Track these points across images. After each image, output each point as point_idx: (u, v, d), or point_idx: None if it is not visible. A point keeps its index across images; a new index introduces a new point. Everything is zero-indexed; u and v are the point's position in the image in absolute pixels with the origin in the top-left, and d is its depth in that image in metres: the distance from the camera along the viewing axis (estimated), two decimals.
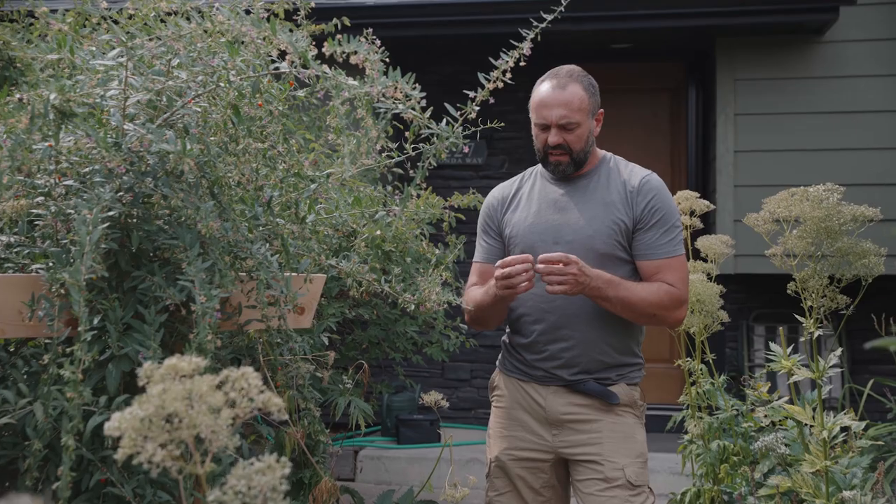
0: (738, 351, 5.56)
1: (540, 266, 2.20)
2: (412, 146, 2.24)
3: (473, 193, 3.58)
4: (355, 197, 2.58)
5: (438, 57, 5.93)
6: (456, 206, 3.63)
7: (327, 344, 2.84)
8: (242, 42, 2.06)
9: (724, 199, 5.27)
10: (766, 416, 3.11)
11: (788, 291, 2.41)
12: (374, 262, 3.10)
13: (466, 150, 1.97)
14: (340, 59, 1.98)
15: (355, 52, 1.87)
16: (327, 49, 1.81)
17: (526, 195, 2.52)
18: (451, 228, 3.60)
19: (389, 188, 4.29)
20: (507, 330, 2.58)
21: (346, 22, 3.66)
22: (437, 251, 3.31)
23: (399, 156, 2.14)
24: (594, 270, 2.27)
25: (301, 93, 2.27)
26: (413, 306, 2.45)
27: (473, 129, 2.68)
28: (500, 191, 2.59)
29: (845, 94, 5.12)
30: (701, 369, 3.21)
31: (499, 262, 2.24)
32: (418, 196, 2.99)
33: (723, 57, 5.27)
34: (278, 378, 2.61)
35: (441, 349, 3.71)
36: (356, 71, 1.99)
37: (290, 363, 2.63)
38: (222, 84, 2.06)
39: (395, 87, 1.89)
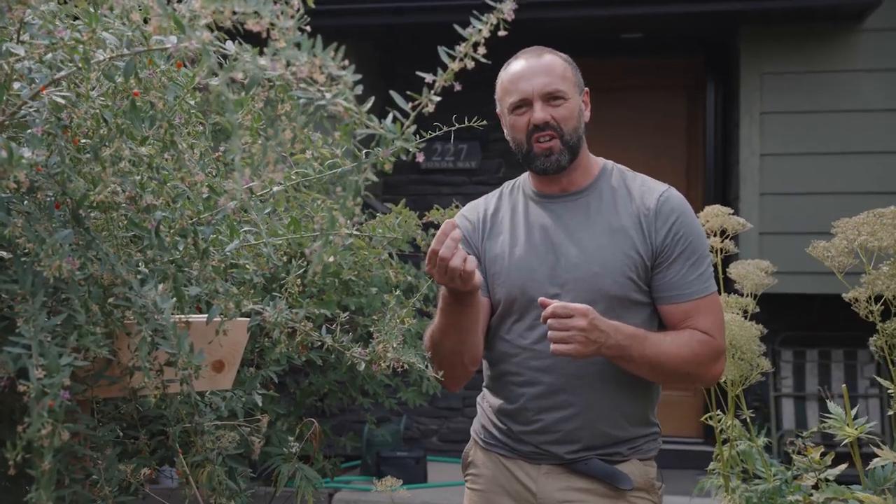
0: (763, 379, 4.94)
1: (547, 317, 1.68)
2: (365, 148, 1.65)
3: (456, 206, 2.97)
4: (292, 218, 1.99)
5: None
6: (436, 223, 3.02)
7: (265, 400, 2.23)
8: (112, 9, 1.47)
9: (748, 209, 4.66)
10: (816, 485, 2.49)
11: (872, 348, 1.80)
12: (331, 294, 2.50)
13: (421, 157, 1.36)
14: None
15: (255, 14, 1.27)
16: None
17: (508, 220, 1.94)
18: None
19: (360, 200, 3.69)
20: (485, 388, 1.99)
21: (311, 3, 3.05)
22: (409, 277, 2.71)
23: (328, 163, 1.54)
24: (610, 323, 1.70)
25: (215, 81, 1.66)
26: (364, 364, 1.85)
27: (447, 127, 2.08)
28: (473, 210, 2.01)
29: (889, 90, 4.50)
30: (734, 425, 2.60)
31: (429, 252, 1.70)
32: (375, 214, 2.38)
33: (747, 48, 4.66)
34: (197, 446, 2.02)
35: (419, 392, 3.10)
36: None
37: (209, 431, 2.03)
38: (81, 66, 1.46)
39: (317, 66, 1.28)
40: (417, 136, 1.92)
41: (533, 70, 1.83)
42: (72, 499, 1.57)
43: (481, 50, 1.34)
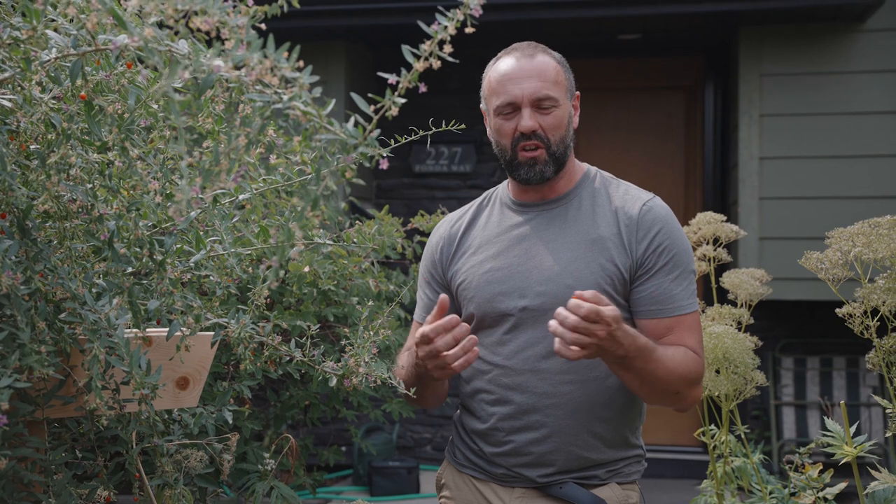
0: (762, 387, 4.84)
1: (559, 322, 1.51)
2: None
3: (442, 212, 2.88)
4: (262, 226, 1.89)
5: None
6: (421, 229, 2.92)
7: (240, 417, 2.14)
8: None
9: (747, 213, 4.56)
10: None
11: (869, 366, 1.70)
12: (308, 305, 2.40)
13: (384, 164, 1.26)
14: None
15: (203, 13, 1.18)
16: None
17: (481, 231, 1.84)
18: (415, 256, 2.90)
19: (345, 204, 3.59)
20: (460, 406, 1.90)
21: (296, 3, 2.95)
22: (390, 286, 2.61)
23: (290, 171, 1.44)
24: (630, 333, 1.55)
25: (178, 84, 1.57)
26: (335, 379, 1.76)
27: (423, 132, 1.98)
28: (447, 225, 1.91)
29: (891, 91, 4.40)
30: (729, 441, 2.50)
31: (419, 332, 1.60)
32: (358, 221, 2.28)
33: (747, 48, 4.56)
34: (164, 465, 1.93)
35: (405, 404, 3.00)
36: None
37: (172, 452, 1.94)
38: (22, 67, 1.37)
39: (270, 67, 1.19)
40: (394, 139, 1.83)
41: (523, 72, 1.71)
42: None
43: (447, 48, 1.25)
